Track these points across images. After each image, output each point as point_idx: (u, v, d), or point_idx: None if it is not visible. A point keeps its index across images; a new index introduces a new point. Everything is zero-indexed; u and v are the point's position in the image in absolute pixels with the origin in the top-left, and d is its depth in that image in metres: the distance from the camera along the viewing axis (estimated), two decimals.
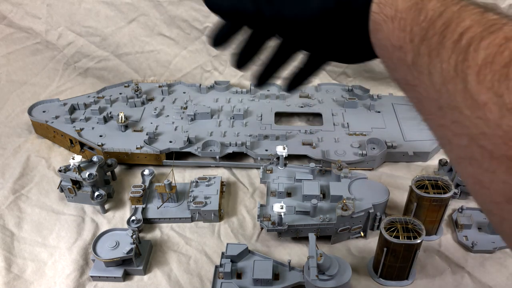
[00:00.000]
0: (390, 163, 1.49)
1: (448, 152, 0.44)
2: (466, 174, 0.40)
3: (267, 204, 1.24)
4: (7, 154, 1.52)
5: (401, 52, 0.45)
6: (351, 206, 1.15)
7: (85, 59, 1.84)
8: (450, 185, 1.13)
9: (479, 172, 0.37)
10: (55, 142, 1.57)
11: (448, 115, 0.40)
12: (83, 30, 1.78)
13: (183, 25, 1.75)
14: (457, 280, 1.12)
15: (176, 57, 1.82)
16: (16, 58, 1.86)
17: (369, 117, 1.61)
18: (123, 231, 1.17)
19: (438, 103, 0.41)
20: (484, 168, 0.36)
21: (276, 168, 1.34)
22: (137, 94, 1.68)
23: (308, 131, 1.54)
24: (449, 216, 1.29)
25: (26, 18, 1.78)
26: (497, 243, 1.19)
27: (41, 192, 1.38)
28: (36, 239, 1.24)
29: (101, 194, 1.30)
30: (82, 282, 1.12)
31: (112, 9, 1.73)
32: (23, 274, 1.15)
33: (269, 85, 0.68)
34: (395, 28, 0.46)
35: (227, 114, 1.62)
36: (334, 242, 1.22)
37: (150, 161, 1.47)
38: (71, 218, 1.29)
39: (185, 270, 1.16)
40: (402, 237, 1.02)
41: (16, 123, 1.67)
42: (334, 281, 1.02)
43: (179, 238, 1.24)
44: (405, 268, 1.08)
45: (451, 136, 0.40)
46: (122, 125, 1.51)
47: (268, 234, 1.24)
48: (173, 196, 1.29)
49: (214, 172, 1.44)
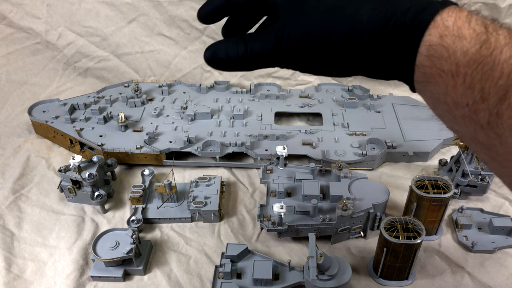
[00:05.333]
0: (390, 163, 1.49)
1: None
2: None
3: (267, 204, 1.24)
4: (7, 154, 1.52)
5: (468, 110, 0.41)
6: (351, 206, 1.15)
7: (85, 59, 1.84)
8: (450, 185, 1.13)
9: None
10: (55, 142, 1.57)
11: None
12: (83, 30, 1.78)
13: (183, 25, 1.75)
14: (457, 280, 1.12)
15: (176, 57, 1.82)
16: (16, 58, 1.86)
17: (369, 117, 1.61)
18: (123, 231, 1.17)
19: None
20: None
21: (276, 168, 1.34)
22: (137, 94, 1.68)
23: (308, 131, 1.54)
24: (449, 216, 1.29)
25: (26, 18, 1.78)
26: (497, 243, 1.19)
27: (41, 192, 1.38)
28: (36, 239, 1.24)
29: (101, 194, 1.30)
30: (82, 282, 1.12)
31: (112, 9, 1.73)
32: (23, 274, 1.15)
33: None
34: (458, 85, 0.41)
35: (227, 114, 1.62)
36: (334, 242, 1.22)
37: (150, 161, 1.47)
38: (71, 218, 1.29)
39: (185, 270, 1.15)
40: (402, 237, 1.02)
41: (16, 123, 1.67)
42: (334, 281, 1.02)
43: (179, 238, 1.24)
44: (405, 268, 1.08)
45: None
46: (122, 125, 1.51)
47: (268, 234, 1.24)
48: (173, 196, 1.29)
49: (214, 172, 1.44)
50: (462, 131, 0.44)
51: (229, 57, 0.53)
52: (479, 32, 0.40)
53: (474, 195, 1.35)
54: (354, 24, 0.47)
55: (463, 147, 1.26)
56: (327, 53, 0.49)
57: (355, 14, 0.47)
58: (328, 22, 0.48)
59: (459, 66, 0.41)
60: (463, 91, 0.41)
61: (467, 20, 0.42)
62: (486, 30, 0.40)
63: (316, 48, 0.49)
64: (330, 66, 0.51)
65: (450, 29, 0.42)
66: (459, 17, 0.42)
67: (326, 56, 0.49)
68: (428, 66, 0.43)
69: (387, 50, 0.46)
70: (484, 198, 1.35)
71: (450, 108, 0.43)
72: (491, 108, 0.39)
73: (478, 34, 0.40)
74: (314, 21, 0.49)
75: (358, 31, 0.46)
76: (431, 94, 0.45)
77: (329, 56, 0.49)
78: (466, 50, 0.40)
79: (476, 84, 0.40)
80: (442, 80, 0.42)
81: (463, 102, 0.41)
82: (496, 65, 0.38)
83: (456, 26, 0.42)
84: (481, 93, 0.39)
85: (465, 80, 0.40)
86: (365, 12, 0.46)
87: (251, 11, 0.58)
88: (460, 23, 0.42)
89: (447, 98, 0.43)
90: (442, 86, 0.43)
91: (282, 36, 0.50)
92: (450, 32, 0.42)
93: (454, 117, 0.43)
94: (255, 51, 0.52)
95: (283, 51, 0.51)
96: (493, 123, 0.39)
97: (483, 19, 0.42)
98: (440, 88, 0.43)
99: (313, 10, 0.49)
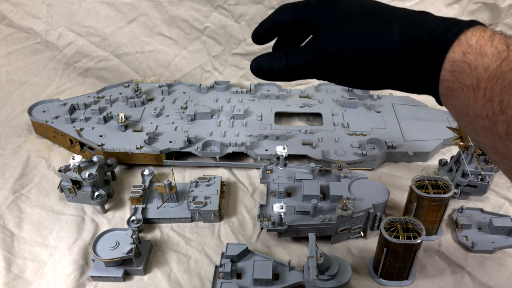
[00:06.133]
0: (390, 163, 1.49)
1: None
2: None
3: (267, 204, 1.24)
4: (7, 154, 1.52)
5: (488, 122, 0.44)
6: (351, 206, 1.15)
7: (85, 59, 1.84)
8: (450, 185, 1.13)
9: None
10: (55, 142, 1.57)
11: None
12: (83, 30, 1.78)
13: (183, 25, 1.75)
14: (457, 280, 1.12)
15: (176, 57, 1.82)
16: (16, 58, 1.86)
17: (369, 117, 1.61)
18: (123, 231, 1.17)
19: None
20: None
21: (276, 168, 1.34)
22: (137, 94, 1.68)
23: (308, 131, 1.54)
24: (449, 216, 1.29)
25: (26, 18, 1.78)
26: (497, 243, 1.19)
27: (41, 192, 1.38)
28: (36, 239, 1.24)
29: (101, 194, 1.30)
30: (82, 282, 1.12)
31: (112, 9, 1.73)
32: (23, 274, 1.15)
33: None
34: (479, 98, 0.44)
35: (227, 114, 1.62)
36: (334, 242, 1.22)
37: (150, 161, 1.47)
38: (71, 218, 1.29)
39: (185, 270, 1.16)
40: (402, 237, 1.02)
41: (16, 123, 1.67)
42: (334, 281, 1.02)
43: (179, 238, 1.24)
44: (405, 268, 1.08)
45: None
46: (122, 125, 1.51)
47: (268, 234, 1.24)
48: (173, 196, 1.29)
49: (214, 172, 1.44)
50: (483, 141, 0.47)
51: (272, 69, 0.60)
52: (501, 50, 0.43)
53: (474, 195, 1.35)
54: (383, 41, 0.51)
55: (463, 147, 1.26)
56: (359, 67, 0.54)
57: (385, 33, 0.51)
58: (359, 40, 0.53)
59: (480, 80, 0.44)
60: (483, 104, 0.44)
61: (490, 39, 0.45)
62: (507, 48, 0.43)
63: (349, 63, 0.54)
64: (362, 80, 0.56)
65: (473, 47, 0.45)
66: (483, 36, 0.45)
67: (358, 71, 0.54)
68: (451, 81, 0.47)
69: (414, 65, 0.50)
70: (484, 198, 1.35)
71: (472, 119, 0.46)
72: (509, 119, 0.42)
73: (499, 52, 0.43)
74: (348, 38, 0.54)
75: (387, 48, 0.51)
76: (455, 107, 0.48)
77: (361, 70, 0.54)
78: (487, 66, 0.43)
79: (496, 97, 0.42)
80: (464, 94, 0.45)
81: (483, 114, 0.44)
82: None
83: (479, 44, 0.45)
84: (500, 105, 0.42)
85: (485, 94, 0.43)
86: (393, 30, 0.51)
87: (297, 31, 0.65)
88: (483, 42, 0.45)
89: (468, 110, 0.46)
90: (464, 99, 0.46)
91: (318, 52, 0.56)
92: (473, 50, 0.45)
93: (475, 128, 0.46)
94: (295, 64, 0.58)
95: (319, 65, 0.56)
96: (511, 134, 0.42)
97: (506, 38, 0.45)
98: (462, 100, 0.46)
99: (348, 28, 0.54)
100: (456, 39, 0.46)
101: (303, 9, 0.61)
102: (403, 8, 0.55)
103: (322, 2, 0.60)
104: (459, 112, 0.48)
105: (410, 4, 1.55)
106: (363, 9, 0.56)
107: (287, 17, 0.63)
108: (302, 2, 0.63)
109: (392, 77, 0.53)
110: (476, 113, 0.45)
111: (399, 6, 0.57)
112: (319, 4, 0.60)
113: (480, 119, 0.44)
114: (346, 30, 0.54)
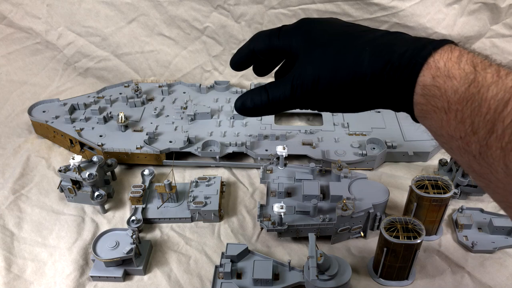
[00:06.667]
0: (390, 163, 1.49)
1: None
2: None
3: (267, 204, 1.24)
4: (7, 154, 1.52)
5: (461, 142, 0.44)
6: (351, 206, 1.15)
7: (85, 59, 1.84)
8: (450, 185, 1.14)
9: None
10: (55, 142, 1.57)
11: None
12: (83, 30, 1.78)
13: (183, 25, 1.75)
14: (457, 280, 1.12)
15: (176, 57, 1.82)
16: (16, 58, 1.86)
17: (369, 117, 1.61)
18: (123, 231, 1.17)
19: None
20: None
21: (276, 168, 1.34)
22: (137, 94, 1.68)
23: (308, 131, 1.54)
24: (449, 216, 1.29)
25: (26, 18, 1.78)
26: (497, 243, 1.19)
27: (41, 192, 1.38)
28: (36, 239, 1.24)
29: (101, 194, 1.30)
30: (82, 282, 1.12)
31: (112, 9, 1.73)
32: (23, 274, 1.15)
33: None
34: (451, 120, 0.45)
35: (227, 114, 1.62)
36: (334, 242, 1.22)
37: (150, 161, 1.47)
38: (71, 218, 1.29)
39: (185, 270, 1.16)
40: (402, 237, 1.02)
41: (16, 123, 1.67)
42: (334, 281, 1.02)
43: (179, 238, 1.24)
44: (405, 268, 1.08)
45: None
46: (122, 125, 1.51)
47: (268, 234, 1.24)
48: (173, 196, 1.29)
49: (214, 172, 1.44)
50: (459, 160, 0.48)
51: (255, 105, 0.63)
52: (468, 72, 0.44)
53: (474, 195, 1.35)
54: (355, 69, 0.53)
55: None
56: (336, 95, 0.56)
57: (356, 60, 0.53)
58: (333, 69, 0.54)
59: (450, 103, 0.45)
60: (455, 125, 0.45)
61: (458, 60, 0.46)
62: (474, 70, 0.44)
63: (326, 91, 0.56)
64: (342, 105, 0.58)
65: (441, 70, 0.46)
66: (450, 58, 0.46)
67: (336, 98, 0.56)
68: (424, 104, 0.48)
69: (388, 89, 0.51)
70: (484, 198, 1.35)
71: (446, 139, 0.47)
72: (481, 140, 0.42)
73: (467, 74, 0.44)
74: (321, 69, 0.56)
75: (360, 75, 0.52)
76: (430, 128, 0.50)
77: (338, 97, 0.56)
78: (456, 89, 0.44)
79: (467, 119, 0.43)
80: (437, 116, 0.47)
81: (457, 135, 0.45)
82: (483, 101, 0.42)
83: (447, 67, 0.46)
84: (472, 127, 0.43)
85: (456, 116, 0.44)
86: (365, 56, 0.52)
87: (272, 57, 0.68)
88: (450, 64, 0.46)
89: (443, 131, 0.47)
90: (437, 121, 0.47)
91: (296, 84, 0.58)
92: (442, 73, 0.45)
93: (451, 148, 0.48)
94: (276, 98, 0.61)
95: (298, 97, 0.58)
96: (484, 153, 0.42)
97: (474, 58, 0.46)
98: (436, 122, 0.48)
99: (320, 58, 0.56)
100: (425, 63, 0.47)
101: (277, 37, 0.63)
102: (375, 30, 0.56)
103: (294, 30, 0.61)
104: (435, 133, 0.49)
105: (410, 4, 1.54)
106: (334, 37, 0.56)
107: (262, 46, 0.65)
108: (275, 30, 0.65)
109: (369, 100, 0.55)
110: (450, 134, 0.46)
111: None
112: (292, 32, 0.61)
113: (454, 140, 0.45)
114: (319, 60, 0.56)
